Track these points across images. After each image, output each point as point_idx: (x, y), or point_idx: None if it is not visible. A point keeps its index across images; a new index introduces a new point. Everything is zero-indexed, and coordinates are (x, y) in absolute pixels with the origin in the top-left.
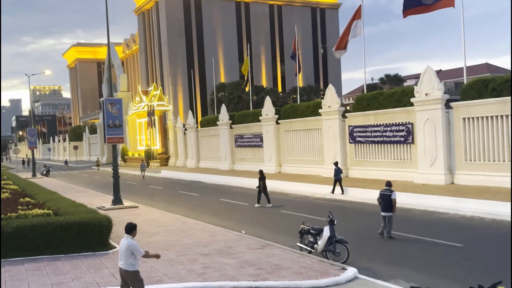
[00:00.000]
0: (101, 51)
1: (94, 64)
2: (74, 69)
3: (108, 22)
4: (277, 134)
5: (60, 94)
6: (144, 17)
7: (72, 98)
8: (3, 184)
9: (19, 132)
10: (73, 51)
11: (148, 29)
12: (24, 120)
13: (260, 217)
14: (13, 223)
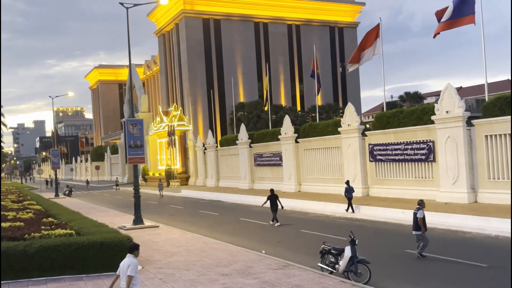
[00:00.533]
0: (123, 73)
1: (116, 85)
2: (96, 90)
3: (130, 45)
4: (296, 153)
5: (82, 115)
6: (164, 39)
7: (94, 119)
8: (26, 204)
9: (43, 153)
10: (95, 73)
11: (168, 51)
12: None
13: (281, 237)
14: (36, 243)
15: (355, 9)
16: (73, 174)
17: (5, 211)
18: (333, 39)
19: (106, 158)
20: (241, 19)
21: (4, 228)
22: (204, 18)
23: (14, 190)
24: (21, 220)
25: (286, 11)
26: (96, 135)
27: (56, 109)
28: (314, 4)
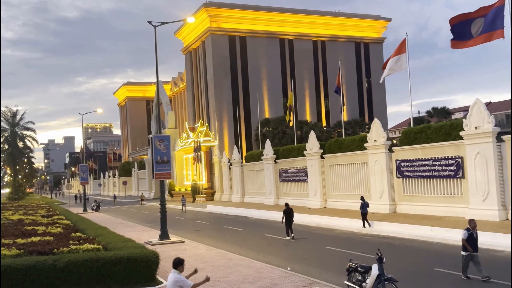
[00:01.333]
0: (150, 89)
1: (143, 102)
2: (124, 107)
3: (157, 62)
4: (322, 168)
5: (111, 131)
6: (191, 56)
7: (122, 135)
8: (56, 219)
9: (72, 168)
10: (123, 90)
11: (195, 68)
12: (77, 157)
13: (306, 254)
14: (65, 257)
15: (381, 24)
16: (101, 189)
17: (35, 226)
18: (359, 55)
19: (133, 174)
20: (267, 35)
21: (34, 242)
22: (230, 35)
23: (44, 205)
24: (50, 234)
25: (312, 27)
26: (124, 151)
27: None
28: (339, 20)
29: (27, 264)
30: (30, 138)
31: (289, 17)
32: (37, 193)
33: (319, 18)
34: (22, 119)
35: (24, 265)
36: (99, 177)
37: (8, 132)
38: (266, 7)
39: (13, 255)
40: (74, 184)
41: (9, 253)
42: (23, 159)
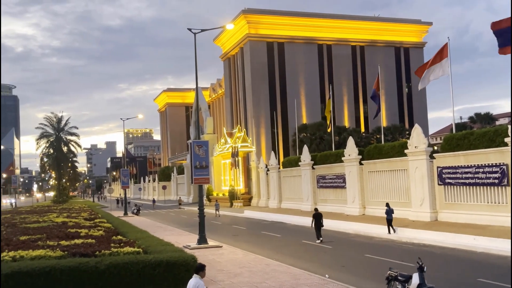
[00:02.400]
0: (189, 96)
1: (183, 108)
2: (164, 113)
3: (197, 69)
4: (360, 175)
5: (151, 137)
6: (229, 62)
7: (162, 140)
8: (97, 222)
9: (113, 173)
10: (163, 96)
11: (233, 74)
12: (118, 161)
13: (344, 261)
14: (106, 260)
15: (421, 29)
16: (141, 194)
17: (78, 228)
18: (399, 60)
19: (172, 178)
20: (305, 41)
21: (77, 244)
22: (268, 41)
23: (87, 208)
24: (92, 237)
25: (350, 32)
26: (163, 155)
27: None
28: (379, 25)
29: (70, 266)
30: (74, 143)
31: (328, 22)
32: (80, 197)
33: (357, 23)
34: (67, 125)
35: (68, 266)
36: (140, 182)
37: (53, 137)
38: (304, 12)
39: (58, 257)
40: (116, 188)
41: (53, 254)
42: (68, 163)
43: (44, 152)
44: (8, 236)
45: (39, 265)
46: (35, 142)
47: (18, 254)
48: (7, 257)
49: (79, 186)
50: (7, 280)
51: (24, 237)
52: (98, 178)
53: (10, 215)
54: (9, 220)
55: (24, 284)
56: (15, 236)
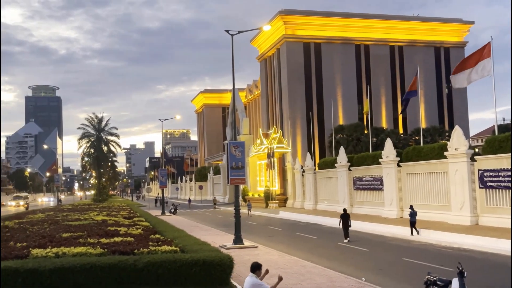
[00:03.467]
0: (226, 97)
1: (219, 108)
2: (201, 113)
3: (234, 70)
4: (398, 177)
5: (188, 137)
6: (266, 63)
7: (198, 141)
8: (136, 220)
9: (151, 172)
10: (200, 97)
11: (269, 75)
12: (156, 161)
13: (382, 264)
14: (145, 258)
15: (462, 28)
16: (178, 193)
17: (117, 226)
18: (439, 60)
19: (209, 179)
20: (342, 41)
21: (116, 242)
22: (305, 42)
23: (126, 207)
24: (131, 235)
25: (389, 32)
26: (200, 156)
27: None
28: (418, 24)
29: (110, 263)
30: (114, 143)
31: (365, 22)
32: (119, 196)
33: (396, 23)
34: (107, 125)
35: (108, 263)
36: (177, 181)
37: (94, 137)
38: (342, 13)
39: (98, 254)
40: (154, 188)
41: (94, 251)
42: (107, 163)
43: (85, 152)
44: (51, 233)
45: (81, 262)
46: (77, 142)
47: (61, 250)
48: (50, 253)
49: (118, 185)
50: (51, 275)
51: (66, 234)
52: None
53: (53, 213)
54: (52, 217)
55: (66, 279)
56: (57, 233)
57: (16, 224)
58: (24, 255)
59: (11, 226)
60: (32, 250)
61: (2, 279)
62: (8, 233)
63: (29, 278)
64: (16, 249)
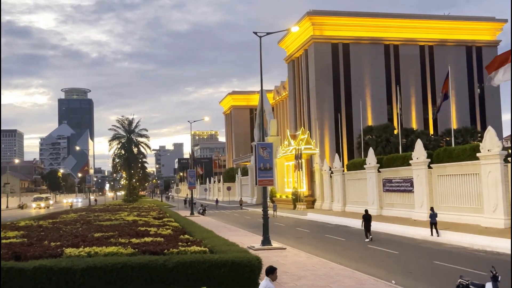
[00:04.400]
0: (254, 98)
1: (247, 110)
2: (229, 115)
3: (262, 71)
4: (429, 179)
5: (216, 139)
6: (294, 64)
7: (226, 142)
8: (166, 221)
9: (180, 173)
10: (228, 99)
11: (297, 76)
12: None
13: (412, 267)
14: (174, 258)
15: (495, 26)
16: (206, 194)
17: (147, 227)
18: (470, 59)
19: (236, 180)
20: (371, 42)
21: (147, 242)
22: (333, 42)
23: (155, 207)
24: (161, 235)
25: (419, 32)
26: (228, 157)
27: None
28: (449, 23)
29: (141, 263)
30: (143, 145)
31: (395, 22)
32: (149, 196)
33: (426, 22)
34: (137, 127)
35: (138, 263)
36: (205, 182)
37: (125, 139)
38: (370, 13)
39: (129, 254)
40: (182, 189)
41: (125, 251)
42: (138, 164)
43: (116, 153)
44: (83, 232)
45: (112, 261)
46: (108, 143)
47: (93, 250)
48: (83, 253)
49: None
50: (83, 274)
51: (98, 234)
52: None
53: (85, 213)
54: (84, 217)
55: (98, 278)
56: (90, 233)
57: (50, 224)
58: (58, 254)
59: (45, 226)
60: (66, 249)
61: (37, 277)
62: (43, 233)
63: (62, 276)
64: (51, 248)
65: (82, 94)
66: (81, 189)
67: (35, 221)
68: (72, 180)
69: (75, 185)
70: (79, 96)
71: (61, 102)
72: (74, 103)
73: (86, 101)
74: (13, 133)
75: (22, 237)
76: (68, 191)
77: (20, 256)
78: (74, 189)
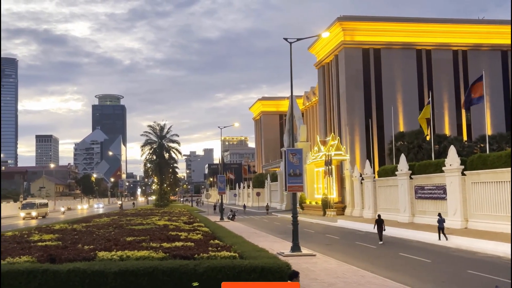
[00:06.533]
0: (283, 104)
1: (277, 116)
2: (259, 121)
3: (292, 77)
4: (463, 186)
5: (246, 144)
6: (324, 70)
7: (256, 148)
8: (196, 226)
9: (210, 179)
10: (258, 104)
11: (327, 81)
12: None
13: (445, 277)
14: (204, 263)
15: None
16: (236, 200)
17: (178, 231)
18: (505, 64)
19: (266, 185)
20: (403, 47)
21: (177, 247)
22: (364, 48)
23: (186, 212)
24: (191, 240)
25: (452, 36)
26: (257, 163)
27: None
28: (484, 27)
29: (171, 267)
30: (175, 150)
31: (427, 27)
32: (179, 201)
33: (460, 27)
34: (168, 133)
35: (169, 267)
36: (235, 188)
37: (156, 144)
38: (402, 18)
39: (160, 258)
40: (212, 194)
41: (156, 255)
42: (169, 169)
43: (147, 158)
44: (116, 236)
45: (144, 265)
46: (140, 148)
47: (125, 254)
48: (115, 256)
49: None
50: (115, 277)
51: (130, 238)
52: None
53: (117, 217)
54: (117, 221)
55: (129, 282)
56: (122, 236)
57: (84, 227)
58: (91, 257)
59: (79, 229)
60: (99, 252)
61: (71, 279)
62: (77, 236)
63: (95, 279)
64: (84, 251)
65: (115, 100)
66: (113, 193)
67: (69, 224)
68: (105, 184)
69: (107, 189)
70: (112, 102)
71: (95, 108)
72: (108, 109)
73: (119, 107)
74: (48, 139)
75: (57, 240)
76: (101, 195)
77: (55, 258)
78: (107, 193)
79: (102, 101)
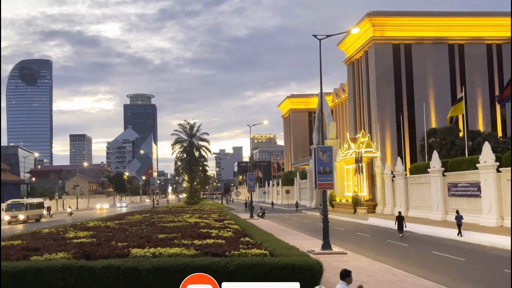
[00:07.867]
0: (312, 101)
1: (306, 113)
2: (287, 118)
3: (321, 74)
4: (498, 183)
5: (274, 142)
6: (353, 66)
7: (285, 145)
8: (226, 223)
9: (240, 176)
10: (287, 102)
11: (357, 78)
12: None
13: (480, 275)
14: (235, 260)
15: None
16: (265, 197)
17: (209, 229)
18: None
19: (295, 183)
20: (434, 41)
21: (208, 244)
22: (394, 43)
23: (216, 210)
24: (222, 238)
25: (485, 30)
26: (286, 160)
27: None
28: None
29: (203, 264)
30: (204, 148)
31: (459, 21)
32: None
33: (493, 20)
34: (198, 131)
35: (201, 265)
36: (264, 185)
37: (186, 143)
38: (433, 12)
39: (191, 255)
40: (242, 192)
41: (188, 252)
42: (199, 167)
43: (178, 157)
44: (148, 233)
45: (176, 262)
46: (170, 147)
47: (158, 251)
48: (148, 253)
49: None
50: (148, 274)
51: (162, 235)
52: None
53: (149, 215)
54: (149, 219)
55: (162, 279)
56: (154, 234)
57: (117, 225)
58: (125, 254)
59: (112, 227)
60: (132, 249)
61: (105, 275)
62: (110, 233)
63: (129, 276)
64: (118, 248)
65: (146, 100)
66: (145, 191)
67: (103, 222)
68: (137, 182)
69: (139, 187)
70: (143, 101)
71: (126, 108)
72: (139, 108)
73: (150, 106)
74: (82, 138)
75: (91, 237)
76: (133, 193)
77: (90, 255)
78: (139, 191)
79: (133, 101)
